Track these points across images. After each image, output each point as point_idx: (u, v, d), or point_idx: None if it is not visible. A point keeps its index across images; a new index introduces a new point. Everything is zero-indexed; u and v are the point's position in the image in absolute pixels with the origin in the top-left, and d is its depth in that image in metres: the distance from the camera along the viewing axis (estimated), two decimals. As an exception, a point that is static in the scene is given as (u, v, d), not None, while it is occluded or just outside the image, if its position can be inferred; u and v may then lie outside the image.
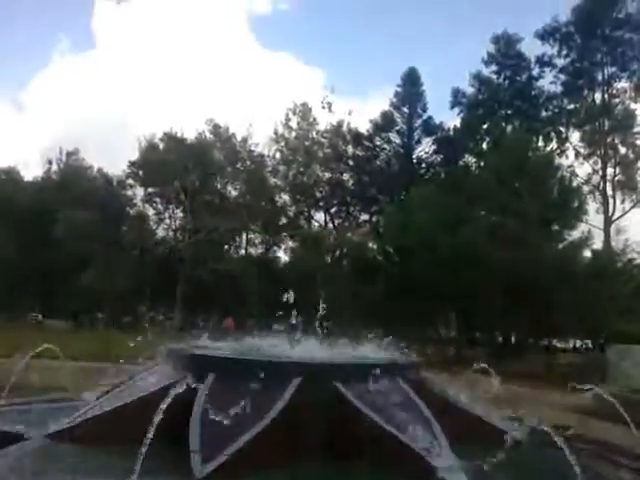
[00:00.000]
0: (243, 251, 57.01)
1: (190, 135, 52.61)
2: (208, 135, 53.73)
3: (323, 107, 52.21)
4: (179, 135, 52.17)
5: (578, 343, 39.40)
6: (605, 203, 41.30)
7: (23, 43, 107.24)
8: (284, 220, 55.30)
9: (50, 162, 57.55)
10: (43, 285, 50.80)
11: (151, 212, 55.08)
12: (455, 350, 31.87)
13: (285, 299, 7.68)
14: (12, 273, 46.86)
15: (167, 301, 51.82)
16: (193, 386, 4.57)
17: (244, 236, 56.39)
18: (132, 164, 52.03)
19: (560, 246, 29.37)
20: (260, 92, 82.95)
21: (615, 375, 20.46)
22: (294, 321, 6.92)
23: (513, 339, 34.39)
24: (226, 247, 56.13)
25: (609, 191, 41.77)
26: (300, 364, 5.23)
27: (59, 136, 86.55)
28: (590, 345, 35.80)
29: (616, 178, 42.14)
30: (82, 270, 44.37)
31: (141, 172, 51.76)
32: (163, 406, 3.85)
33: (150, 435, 3.68)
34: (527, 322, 29.06)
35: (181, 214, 53.59)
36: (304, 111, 53.30)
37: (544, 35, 44.28)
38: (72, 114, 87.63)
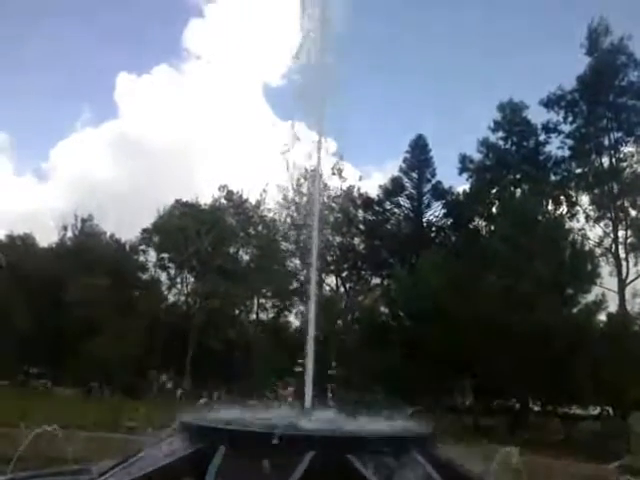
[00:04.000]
0: (254, 316, 56.76)
1: (205, 201, 53.61)
2: (222, 201, 54.66)
3: (334, 173, 53.06)
4: (193, 201, 53.15)
5: (598, 410, 38.18)
6: (618, 266, 40.95)
7: (47, 115, 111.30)
8: (295, 285, 55.23)
9: (65, 228, 58.53)
10: (53, 351, 50.53)
11: (163, 277, 55.37)
12: (472, 419, 30.99)
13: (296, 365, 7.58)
14: (23, 339, 46.75)
15: (177, 367, 51.24)
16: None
17: (255, 300, 56.26)
18: (145, 231, 52.81)
19: (574, 310, 29.03)
20: (273, 159, 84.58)
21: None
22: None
23: (530, 406, 33.47)
24: (237, 312, 55.96)
25: (622, 254, 41.50)
26: (312, 436, 5.12)
27: (76, 203, 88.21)
28: (611, 412, 34.70)
29: (628, 240, 41.97)
30: (92, 336, 44.22)
31: (155, 238, 52.43)
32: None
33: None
34: (544, 389, 28.37)
35: (193, 279, 53.79)
36: (315, 177, 54.16)
37: (549, 103, 45.25)
38: (92, 182, 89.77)
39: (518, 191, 44.47)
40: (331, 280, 55.92)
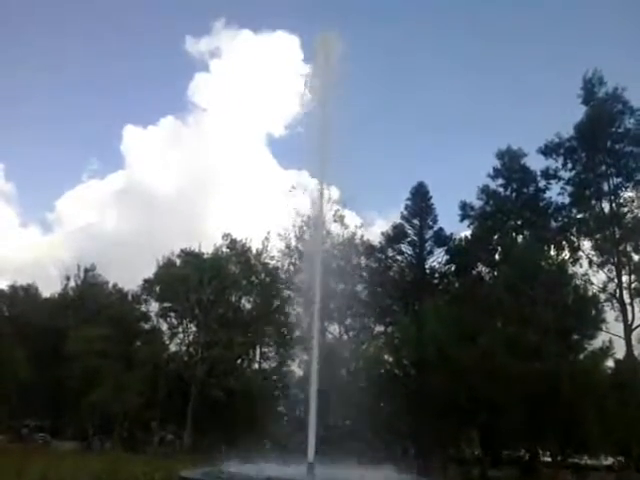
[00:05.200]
0: (257, 365, 55.97)
1: (207, 250, 53.69)
2: (224, 249, 54.74)
3: (335, 220, 53.24)
4: (196, 250, 53.26)
5: (610, 460, 37.16)
6: (624, 311, 40.52)
7: (53, 166, 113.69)
8: (298, 333, 54.66)
9: (68, 278, 58.54)
10: (53, 403, 49.79)
11: (165, 327, 54.90)
12: (480, 470, 30.20)
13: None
14: (23, 391, 46.13)
15: (178, 419, 50.32)
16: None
17: (258, 350, 55.60)
18: (147, 280, 52.71)
19: (581, 356, 28.68)
20: (275, 207, 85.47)
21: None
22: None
23: (540, 457, 32.62)
24: (239, 361, 55.23)
25: (627, 299, 41.11)
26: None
27: (80, 253, 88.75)
28: (624, 462, 33.81)
29: (632, 285, 41.62)
30: (93, 388, 43.62)
31: (157, 288, 52.23)
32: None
33: None
34: (553, 438, 27.74)
35: (195, 328, 53.33)
36: (317, 224, 54.36)
37: (547, 151, 45.84)
38: (97, 232, 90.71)
39: (520, 237, 44.58)
40: (334, 328, 55.39)
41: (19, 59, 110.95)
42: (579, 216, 45.11)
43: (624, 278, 41.90)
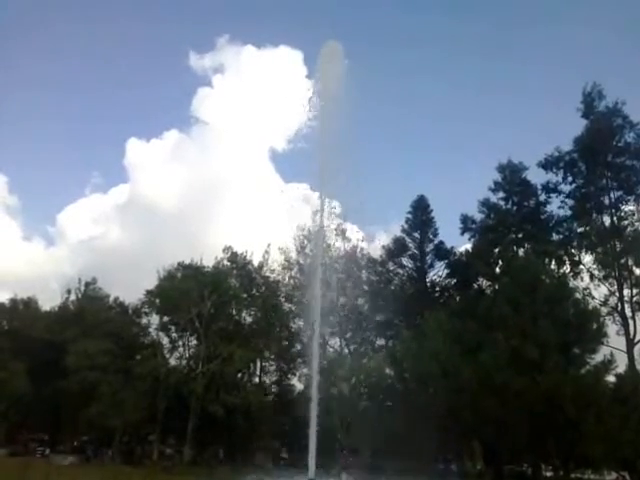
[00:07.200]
0: (257, 379, 55.68)
1: (208, 263, 53.61)
2: (225, 263, 54.65)
3: (337, 234, 53.13)
4: (197, 264, 53.18)
5: (614, 475, 36.86)
6: (625, 325, 40.36)
7: (56, 180, 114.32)
8: (298, 346, 54.47)
9: (69, 292, 58.44)
10: (52, 417, 49.52)
11: (165, 340, 54.66)
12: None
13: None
14: (22, 405, 45.92)
15: (178, 433, 49.99)
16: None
17: (258, 363, 55.34)
18: (148, 293, 52.54)
19: (582, 371, 28.54)
20: (277, 221, 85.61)
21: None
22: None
23: (543, 471, 32.39)
24: (239, 375, 54.95)
25: (628, 312, 40.95)
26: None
27: (82, 267, 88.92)
28: (627, 477, 33.52)
29: (634, 299, 41.45)
30: (92, 401, 43.42)
31: (157, 301, 52.07)
32: None
33: None
34: (555, 452, 27.55)
35: (195, 342, 53.11)
36: (318, 238, 54.28)
37: (547, 164, 45.90)
38: (99, 246, 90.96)
39: (520, 251, 44.54)
40: (335, 342, 55.15)
41: (23, 74, 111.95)
42: (580, 230, 45.07)
43: (625, 292, 41.76)
